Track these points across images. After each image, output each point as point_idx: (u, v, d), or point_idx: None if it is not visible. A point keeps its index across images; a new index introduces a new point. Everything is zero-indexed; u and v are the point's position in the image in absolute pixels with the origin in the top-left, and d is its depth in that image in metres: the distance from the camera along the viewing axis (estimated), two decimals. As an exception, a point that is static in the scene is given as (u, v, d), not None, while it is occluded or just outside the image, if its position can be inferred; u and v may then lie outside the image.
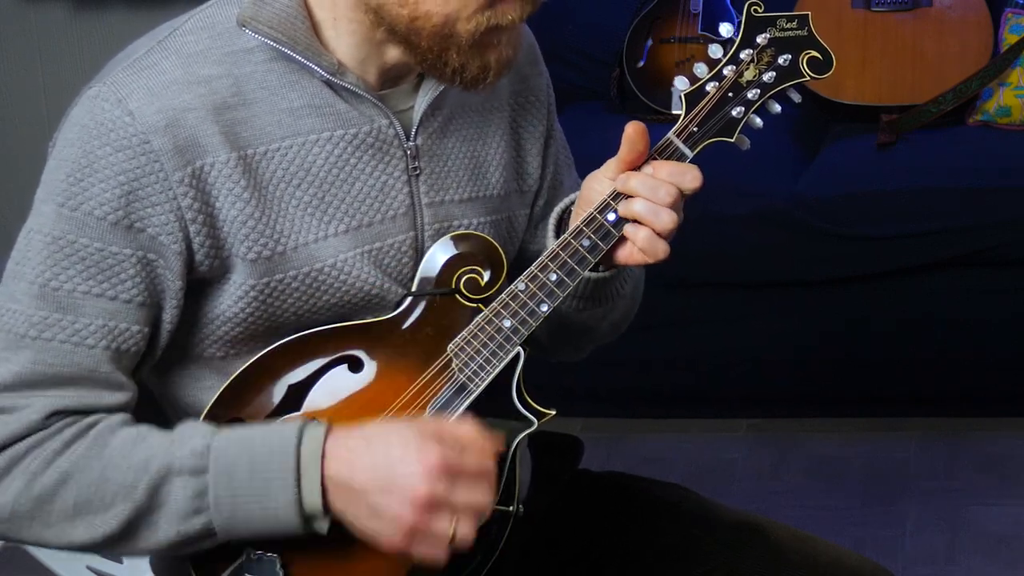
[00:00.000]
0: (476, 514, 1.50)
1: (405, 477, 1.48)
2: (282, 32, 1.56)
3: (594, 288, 1.71)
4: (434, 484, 1.47)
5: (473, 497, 1.49)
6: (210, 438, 1.52)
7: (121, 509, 1.51)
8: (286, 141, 1.58)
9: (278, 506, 1.50)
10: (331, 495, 1.51)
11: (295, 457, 1.50)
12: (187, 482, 1.51)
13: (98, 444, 1.52)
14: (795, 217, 3.46)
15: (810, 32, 1.64)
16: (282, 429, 1.52)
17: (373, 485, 1.49)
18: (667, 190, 1.58)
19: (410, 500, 1.47)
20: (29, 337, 1.53)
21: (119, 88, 1.54)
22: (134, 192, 1.53)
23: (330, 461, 1.50)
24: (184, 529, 1.52)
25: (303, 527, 1.52)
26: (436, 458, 1.48)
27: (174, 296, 1.57)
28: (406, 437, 1.50)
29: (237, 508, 1.51)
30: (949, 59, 3.71)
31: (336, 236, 1.61)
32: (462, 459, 1.49)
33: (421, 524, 1.48)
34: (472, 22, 1.54)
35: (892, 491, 3.30)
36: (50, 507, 1.52)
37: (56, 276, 1.53)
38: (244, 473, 1.50)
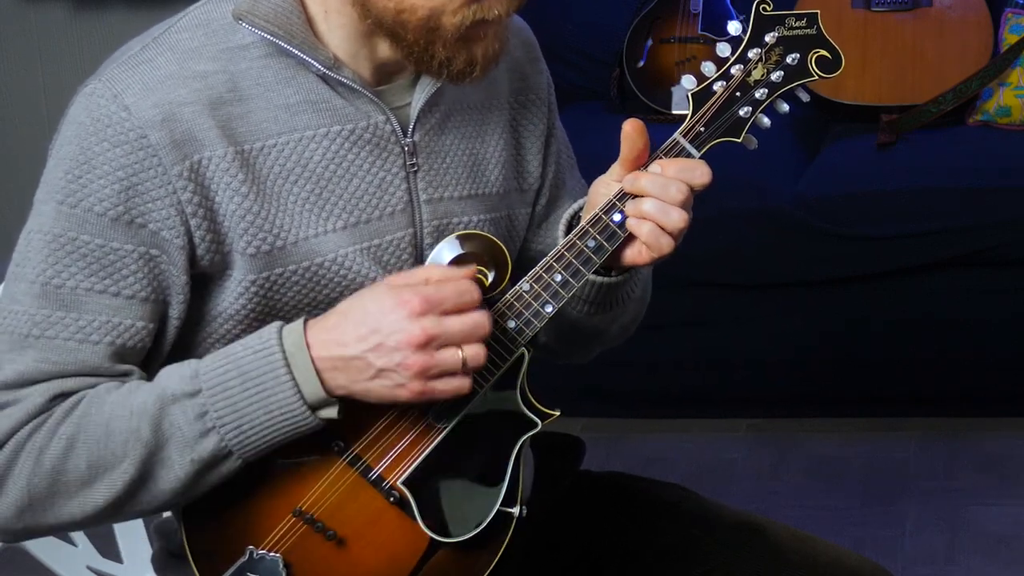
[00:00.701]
0: (477, 334, 1.51)
1: (392, 328, 1.49)
2: (278, 26, 1.57)
3: (605, 293, 1.70)
4: (422, 322, 1.49)
5: (467, 321, 1.51)
6: (196, 364, 1.53)
7: (132, 455, 1.52)
8: (283, 137, 1.59)
9: (280, 404, 1.51)
10: (328, 376, 1.51)
11: (281, 353, 1.51)
12: (185, 406, 1.51)
13: (96, 403, 1.53)
14: (795, 217, 3.46)
15: (819, 31, 1.63)
16: (261, 333, 1.53)
17: (366, 349, 1.50)
18: (677, 187, 1.58)
19: (407, 346, 1.49)
20: (32, 336, 1.53)
21: (114, 84, 1.54)
22: (133, 187, 1.53)
23: (315, 347, 1.51)
24: (198, 455, 1.52)
25: (313, 418, 1.52)
26: (414, 299, 1.49)
27: (180, 291, 1.57)
28: (378, 294, 1.51)
29: (241, 418, 1.51)
30: (949, 59, 3.71)
31: (335, 232, 1.61)
32: (440, 290, 1.50)
33: (428, 362, 1.49)
34: (457, 16, 1.54)
35: (892, 491, 3.30)
36: (65, 477, 1.52)
37: (58, 274, 1.54)
38: (236, 383, 1.51)
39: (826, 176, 3.55)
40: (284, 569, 1.58)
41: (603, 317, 1.75)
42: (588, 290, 1.70)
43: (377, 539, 1.59)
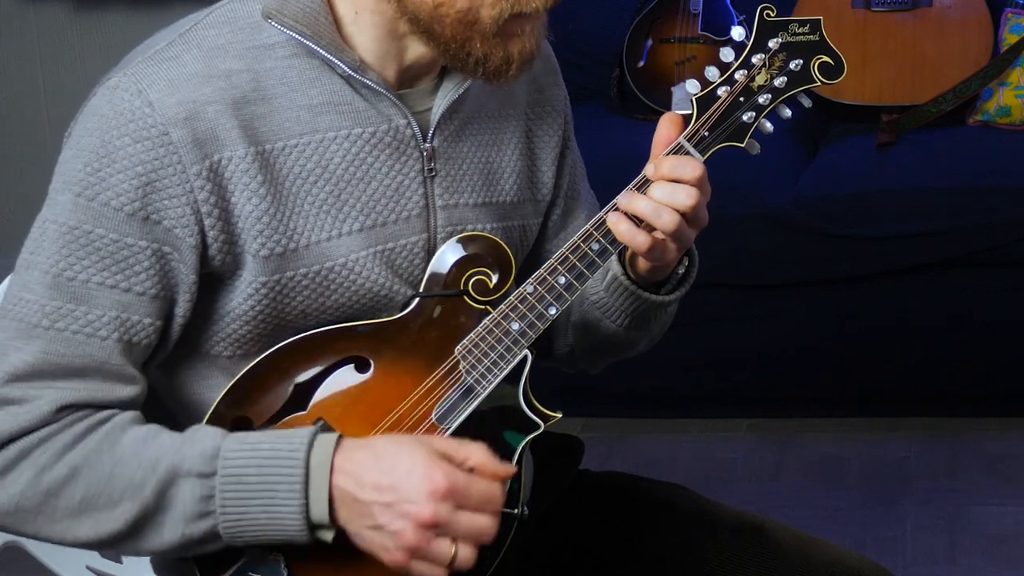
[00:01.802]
0: (478, 540, 1.50)
1: (409, 497, 1.48)
2: (307, 26, 1.57)
3: (648, 309, 1.71)
4: (437, 507, 1.47)
5: (476, 523, 1.49)
6: (220, 441, 1.52)
7: (128, 508, 1.51)
8: (304, 138, 1.58)
9: (284, 514, 1.50)
10: (337, 505, 1.50)
11: (304, 466, 1.50)
12: (195, 485, 1.50)
13: (109, 440, 1.52)
14: (795, 217, 3.46)
15: (822, 37, 1.64)
16: (292, 437, 1.51)
17: (377, 501, 1.49)
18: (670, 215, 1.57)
19: (412, 520, 1.47)
20: (42, 327, 1.53)
21: (139, 79, 1.54)
22: (152, 184, 1.53)
23: (338, 473, 1.50)
24: (189, 532, 1.51)
25: (309, 536, 1.51)
26: (442, 481, 1.47)
27: (188, 290, 1.57)
28: (415, 455, 1.49)
29: (244, 514, 1.51)
30: (949, 59, 3.71)
31: (350, 235, 1.61)
32: (469, 484, 1.49)
33: (422, 544, 1.48)
34: (496, 8, 1.54)
35: (892, 491, 3.30)
36: (56, 502, 1.52)
37: (71, 266, 1.53)
38: (253, 479, 1.50)
39: (826, 176, 3.55)
40: (285, 569, 1.57)
41: (639, 332, 1.75)
42: (633, 305, 1.70)
43: (378, 539, 1.59)
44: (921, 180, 3.47)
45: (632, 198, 1.58)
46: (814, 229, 3.45)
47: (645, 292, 1.69)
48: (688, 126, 1.62)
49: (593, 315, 1.74)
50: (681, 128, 1.61)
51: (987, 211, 3.40)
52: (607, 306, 1.72)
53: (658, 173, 1.58)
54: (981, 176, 3.45)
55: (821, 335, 3.54)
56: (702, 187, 1.59)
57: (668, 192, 1.58)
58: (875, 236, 3.44)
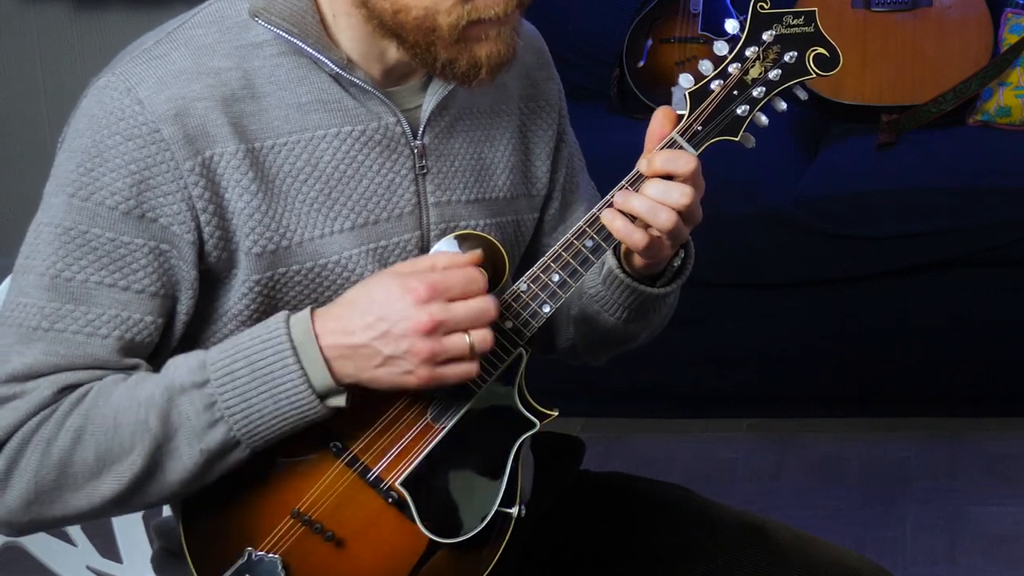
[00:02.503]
0: (483, 319, 1.51)
1: (399, 315, 1.49)
2: (294, 24, 1.57)
3: (648, 301, 1.71)
4: (429, 308, 1.49)
5: (472, 306, 1.51)
6: (203, 354, 1.53)
7: (140, 447, 1.51)
8: (293, 136, 1.59)
9: (289, 393, 1.51)
10: (336, 365, 1.51)
11: (289, 342, 1.51)
12: (193, 397, 1.51)
13: (103, 395, 1.53)
14: (795, 217, 3.46)
15: (817, 29, 1.62)
16: (267, 323, 1.53)
17: (374, 337, 1.50)
18: (667, 215, 1.57)
19: (414, 333, 1.49)
20: (41, 329, 1.53)
21: (128, 77, 1.55)
22: (145, 181, 1.53)
23: (323, 335, 1.51)
24: (206, 445, 1.52)
25: (321, 407, 1.52)
26: (420, 286, 1.49)
27: (190, 287, 1.57)
28: (384, 282, 1.51)
29: (250, 408, 1.51)
30: (949, 59, 3.71)
31: (341, 233, 1.61)
32: (445, 278, 1.51)
33: (436, 348, 1.49)
34: (452, 15, 1.54)
35: (892, 491, 3.30)
36: (72, 469, 1.52)
37: (68, 267, 1.54)
38: (245, 372, 1.51)
39: (826, 176, 3.55)
40: (283, 570, 1.58)
41: (639, 324, 1.75)
42: (631, 298, 1.70)
43: (376, 540, 1.59)
44: (921, 180, 3.47)
45: (628, 197, 1.58)
46: (814, 229, 3.45)
47: (641, 285, 1.69)
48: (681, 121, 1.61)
49: (592, 309, 1.74)
50: (675, 123, 1.60)
51: (987, 211, 3.40)
52: (605, 299, 1.72)
53: (651, 168, 1.58)
54: (981, 176, 3.45)
55: (821, 335, 3.54)
56: (696, 181, 1.59)
57: (663, 190, 1.57)
58: (875, 236, 3.44)
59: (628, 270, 1.69)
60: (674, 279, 1.71)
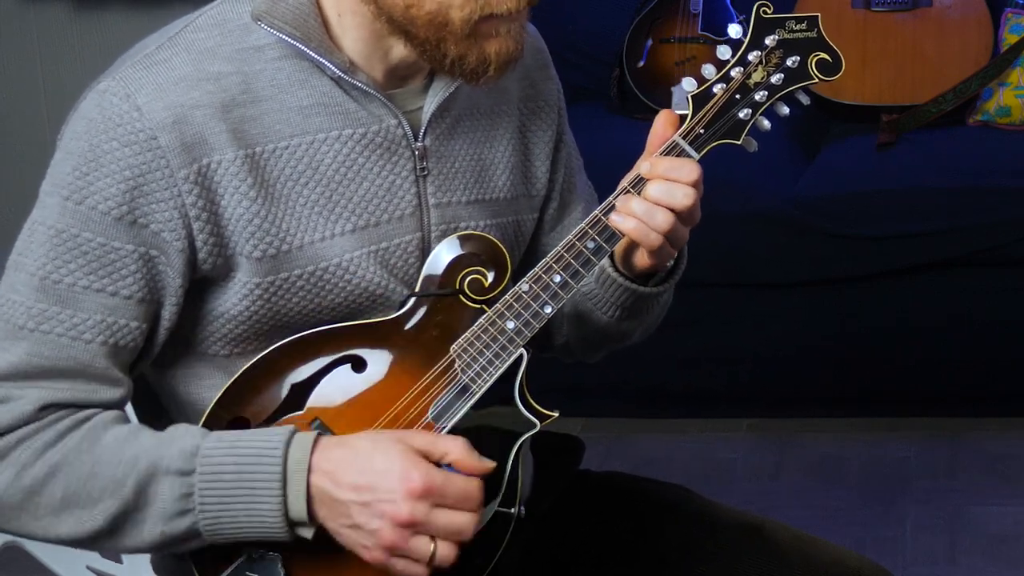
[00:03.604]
0: (457, 536, 1.50)
1: (386, 497, 1.49)
2: (296, 28, 1.57)
3: (640, 300, 1.71)
4: (414, 506, 1.48)
5: (454, 521, 1.50)
6: (200, 439, 1.52)
7: (108, 505, 1.52)
8: (295, 139, 1.59)
9: (263, 512, 1.51)
10: (315, 504, 1.51)
11: (282, 465, 1.50)
12: (174, 482, 1.51)
13: (89, 439, 1.53)
14: (795, 217, 3.46)
15: (819, 33, 1.63)
16: (270, 437, 1.52)
17: (355, 499, 1.50)
18: (664, 216, 1.57)
19: (389, 519, 1.48)
20: (27, 328, 1.53)
21: (128, 83, 1.54)
22: (139, 188, 1.53)
23: (316, 472, 1.51)
24: (169, 530, 1.52)
25: (289, 534, 1.52)
26: (419, 480, 1.48)
27: (174, 294, 1.57)
28: (391, 454, 1.50)
29: (223, 511, 1.51)
30: (949, 59, 3.71)
31: (343, 235, 1.61)
32: (446, 482, 1.50)
33: (399, 543, 1.49)
34: (465, 9, 1.54)
35: (892, 491, 3.30)
36: (38, 499, 1.52)
37: (57, 269, 1.54)
38: (231, 477, 1.51)
39: (826, 176, 3.55)
40: (282, 569, 1.57)
41: (632, 323, 1.75)
42: (624, 297, 1.70)
43: (376, 539, 1.59)
44: (921, 180, 3.47)
45: (627, 200, 1.58)
46: (814, 229, 3.45)
47: (634, 284, 1.69)
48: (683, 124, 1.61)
49: (585, 306, 1.74)
50: (677, 126, 1.61)
51: (987, 211, 3.40)
52: (598, 298, 1.72)
53: (654, 172, 1.58)
54: (981, 176, 3.45)
55: (821, 335, 3.54)
56: (698, 187, 1.59)
57: (665, 190, 1.57)
58: (875, 236, 3.44)
59: (621, 269, 1.69)
60: (667, 279, 1.71)
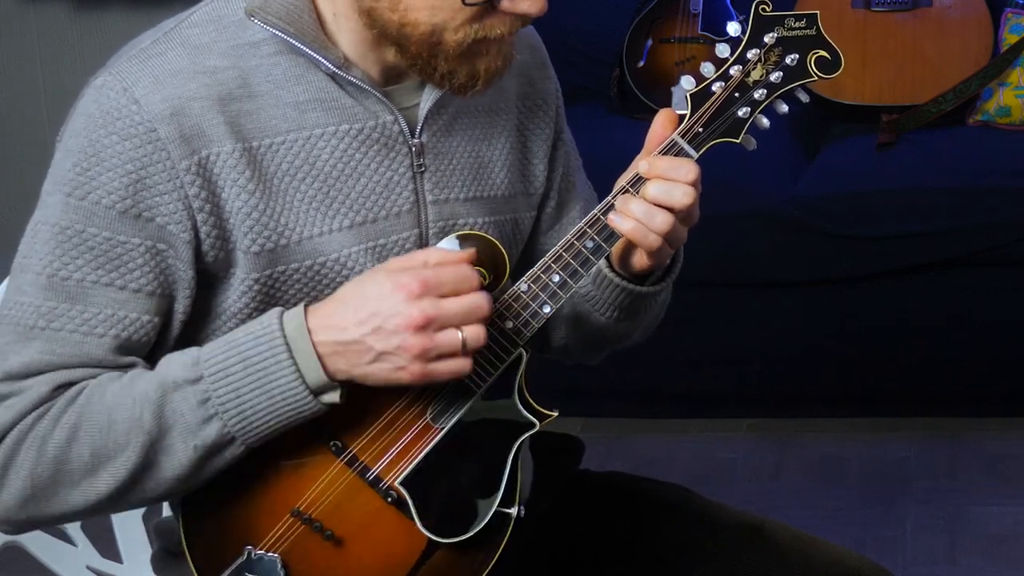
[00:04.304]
0: (476, 315, 1.51)
1: (391, 311, 1.49)
2: (290, 24, 1.57)
3: (637, 300, 1.71)
4: (420, 304, 1.49)
5: (464, 302, 1.51)
6: (197, 351, 1.53)
7: (135, 443, 1.52)
8: (291, 135, 1.59)
9: (283, 389, 1.51)
10: (329, 361, 1.51)
11: (282, 338, 1.51)
12: (186, 393, 1.51)
13: (98, 392, 1.53)
14: (795, 217, 3.46)
15: (818, 31, 1.63)
16: (261, 320, 1.53)
17: (366, 333, 1.50)
18: (663, 218, 1.58)
19: (406, 329, 1.49)
20: (38, 328, 1.53)
21: (125, 77, 1.55)
22: (141, 180, 1.53)
23: (316, 332, 1.51)
24: (201, 441, 1.52)
25: (315, 403, 1.52)
26: (411, 282, 1.49)
27: (187, 286, 1.57)
28: (376, 278, 1.51)
29: (244, 404, 1.51)
30: (949, 59, 3.71)
31: (340, 231, 1.61)
32: (438, 274, 1.51)
33: (427, 344, 1.49)
34: (459, 33, 1.55)
35: (892, 491, 3.30)
36: (68, 465, 1.52)
37: (65, 266, 1.54)
38: (238, 368, 1.51)
39: (826, 176, 3.55)
40: (282, 569, 1.58)
41: (630, 323, 1.75)
42: (621, 298, 1.70)
43: (375, 539, 1.59)
44: (921, 180, 3.47)
45: (626, 200, 1.58)
46: (814, 229, 3.45)
47: (630, 284, 1.69)
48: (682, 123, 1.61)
49: (583, 308, 1.75)
50: (676, 125, 1.61)
51: (987, 211, 3.40)
52: (595, 299, 1.72)
53: (652, 171, 1.58)
54: (981, 176, 3.45)
55: (821, 335, 3.54)
56: (696, 187, 1.59)
57: (664, 190, 1.58)
58: (875, 236, 3.44)
59: (618, 270, 1.69)
60: (664, 277, 1.71)
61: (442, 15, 1.53)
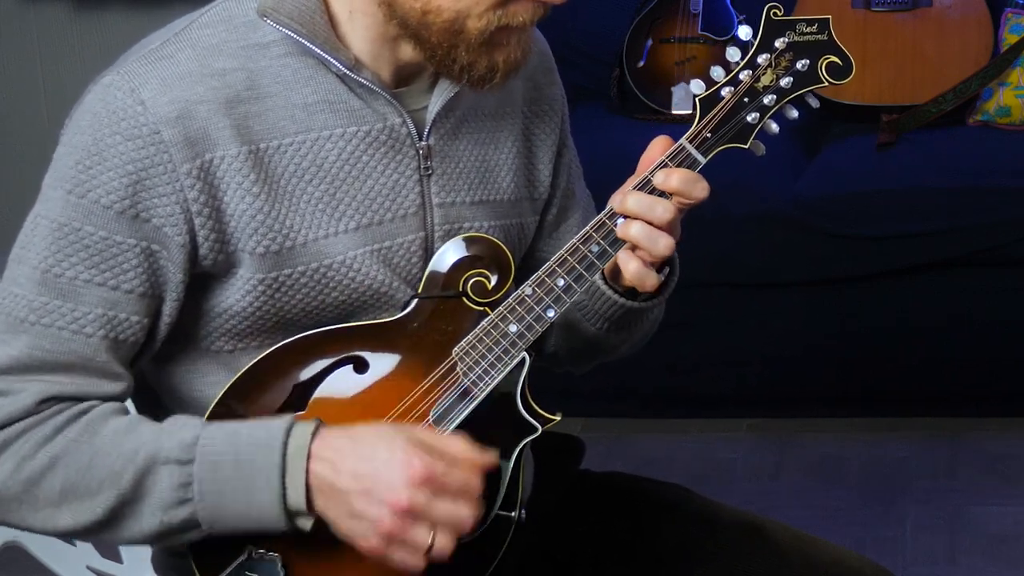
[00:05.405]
0: (456, 529, 1.50)
1: (386, 483, 1.48)
2: (302, 24, 1.57)
3: (628, 315, 1.71)
4: (414, 494, 1.48)
5: (454, 512, 1.50)
6: (199, 430, 1.53)
7: (107, 496, 1.52)
8: (299, 136, 1.59)
9: (262, 502, 1.51)
10: (314, 494, 1.51)
11: (281, 454, 1.50)
12: (172, 472, 1.51)
13: (89, 431, 1.53)
14: (795, 217, 3.46)
15: (830, 36, 1.61)
16: (270, 425, 1.52)
17: (355, 488, 1.49)
18: (664, 207, 1.57)
19: (389, 506, 1.48)
20: (28, 322, 1.54)
21: (132, 77, 1.55)
22: (141, 182, 1.53)
23: (315, 461, 1.51)
24: (168, 519, 1.52)
25: (287, 524, 1.52)
26: (420, 468, 1.48)
27: (175, 289, 1.57)
28: (393, 443, 1.50)
29: (222, 501, 1.51)
30: (949, 59, 3.71)
31: (346, 233, 1.61)
32: (447, 473, 1.49)
33: (398, 531, 1.49)
34: (483, 20, 1.54)
35: (892, 491, 3.30)
36: (37, 491, 1.53)
37: (59, 263, 1.54)
38: (230, 467, 1.51)
39: (826, 176, 3.55)
40: (282, 569, 1.58)
41: (618, 336, 1.75)
42: (612, 310, 1.70)
43: (376, 540, 1.59)
44: (921, 180, 3.47)
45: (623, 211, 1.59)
46: (814, 229, 3.45)
47: (621, 298, 1.68)
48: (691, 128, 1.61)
49: (574, 316, 1.74)
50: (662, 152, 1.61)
51: (987, 211, 3.40)
52: (587, 309, 1.72)
53: (667, 185, 1.58)
54: (981, 176, 3.45)
55: (821, 335, 3.54)
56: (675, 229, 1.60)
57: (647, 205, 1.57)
58: (875, 236, 3.44)
59: (611, 283, 1.69)
60: (656, 294, 1.70)
61: (466, 0, 1.53)
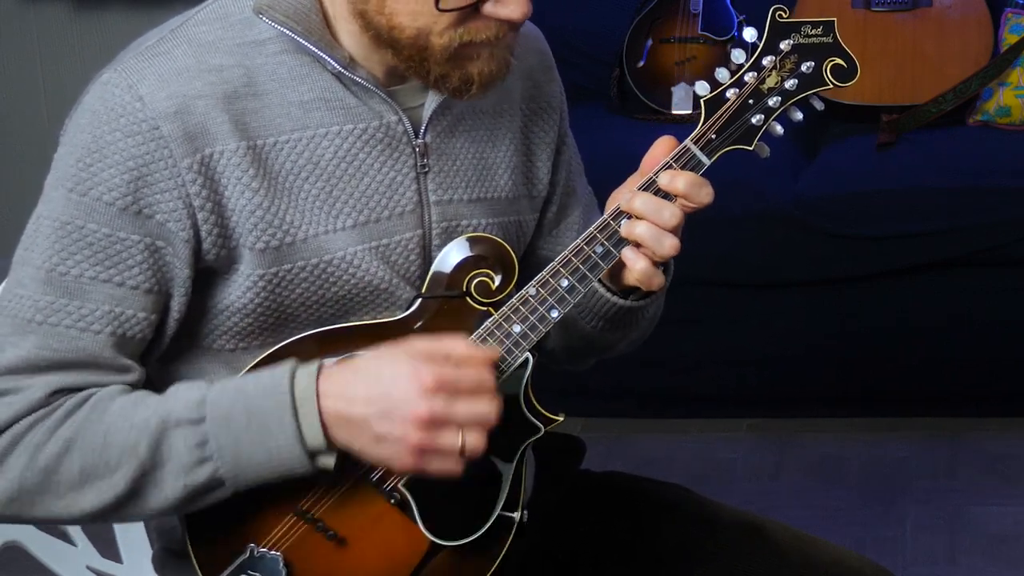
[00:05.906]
0: (482, 424, 1.50)
1: (402, 399, 1.48)
2: (298, 22, 1.57)
3: (624, 314, 1.71)
4: (432, 401, 1.48)
5: (475, 408, 1.50)
6: (205, 390, 1.53)
7: (126, 470, 1.52)
8: (295, 134, 1.59)
9: (280, 446, 1.51)
10: (332, 429, 1.51)
11: (290, 396, 1.51)
12: (187, 433, 1.51)
13: (98, 410, 1.53)
14: (795, 217, 3.46)
15: (835, 39, 1.62)
16: (273, 372, 1.53)
17: (372, 413, 1.49)
18: (671, 212, 1.57)
19: (411, 421, 1.48)
20: (35, 322, 1.54)
21: (130, 74, 1.55)
22: (143, 178, 1.53)
23: (325, 397, 1.51)
24: (191, 481, 1.52)
25: (310, 464, 1.52)
26: (429, 376, 1.48)
27: (182, 284, 1.57)
28: (396, 360, 1.50)
29: (240, 453, 1.51)
30: (949, 59, 3.71)
31: (344, 230, 1.61)
32: (458, 373, 1.49)
33: (427, 442, 1.48)
34: (444, 37, 1.55)
35: (892, 491, 3.30)
36: (57, 477, 1.53)
37: (63, 261, 1.54)
38: (242, 417, 1.51)
39: (826, 176, 3.55)
40: (284, 568, 1.58)
41: (616, 334, 1.75)
42: (606, 309, 1.70)
43: (377, 540, 1.59)
44: (921, 180, 3.47)
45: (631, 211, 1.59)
46: (814, 229, 3.45)
47: (615, 297, 1.69)
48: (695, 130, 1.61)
49: (571, 315, 1.74)
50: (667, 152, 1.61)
51: (987, 211, 3.40)
52: (582, 307, 1.72)
53: (672, 187, 1.58)
54: (981, 176, 3.45)
55: (821, 335, 3.54)
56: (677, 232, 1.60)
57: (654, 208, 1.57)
58: (875, 236, 3.44)
59: (606, 282, 1.68)
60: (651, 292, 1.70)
61: (423, 19, 1.53)
